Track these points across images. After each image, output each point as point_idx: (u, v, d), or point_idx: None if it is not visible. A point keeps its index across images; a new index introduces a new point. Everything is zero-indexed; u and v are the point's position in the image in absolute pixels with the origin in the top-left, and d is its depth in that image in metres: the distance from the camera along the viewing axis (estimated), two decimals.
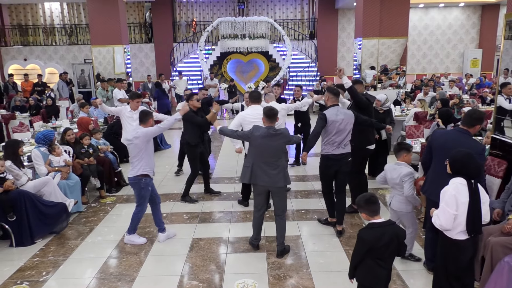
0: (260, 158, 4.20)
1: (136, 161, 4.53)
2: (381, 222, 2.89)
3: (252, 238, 4.59)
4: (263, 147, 4.17)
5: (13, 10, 17.66)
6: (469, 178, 3.01)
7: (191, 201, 6.07)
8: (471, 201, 2.97)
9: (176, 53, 16.84)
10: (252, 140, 4.24)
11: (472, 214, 2.96)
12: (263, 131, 4.17)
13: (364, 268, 2.89)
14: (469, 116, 3.72)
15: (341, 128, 4.62)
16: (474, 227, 2.98)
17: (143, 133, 4.50)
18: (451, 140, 3.62)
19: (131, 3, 17.63)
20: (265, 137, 4.14)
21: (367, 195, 2.97)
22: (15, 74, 15.15)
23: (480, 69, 18.02)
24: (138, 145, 4.49)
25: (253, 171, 4.24)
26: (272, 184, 4.23)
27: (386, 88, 12.47)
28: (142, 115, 4.67)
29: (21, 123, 8.84)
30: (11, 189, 4.75)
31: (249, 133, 4.29)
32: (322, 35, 17.58)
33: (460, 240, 3.05)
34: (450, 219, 2.99)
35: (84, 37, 17.60)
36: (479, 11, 18.25)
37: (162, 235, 4.83)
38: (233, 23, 15.18)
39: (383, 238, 2.80)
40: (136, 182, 4.56)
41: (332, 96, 4.78)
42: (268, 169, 4.19)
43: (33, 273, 4.18)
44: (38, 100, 11.90)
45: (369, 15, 12.09)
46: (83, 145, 6.27)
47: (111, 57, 12.87)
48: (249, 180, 4.30)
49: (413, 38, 17.93)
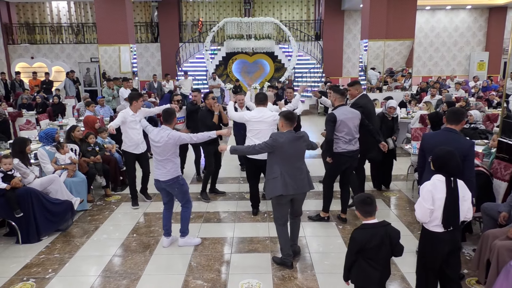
0: (288, 164, 4.01)
1: (167, 163, 4.39)
2: (374, 223, 2.95)
3: (284, 255, 4.21)
4: (290, 152, 4.01)
5: (21, 8, 17.78)
6: (449, 175, 3.07)
7: (206, 199, 6.12)
8: (448, 197, 3.04)
9: (182, 53, 16.89)
10: (277, 148, 3.98)
11: (448, 209, 3.04)
12: (288, 136, 4.00)
13: (357, 269, 2.95)
14: (454, 113, 3.82)
15: (350, 126, 4.90)
16: (449, 221, 3.05)
17: (175, 138, 4.34)
18: (443, 140, 3.66)
19: (138, 3, 17.70)
20: (292, 141, 3.99)
21: (363, 195, 3.04)
22: (22, 72, 15.25)
23: (486, 72, 17.93)
24: (168, 148, 4.35)
25: (284, 180, 3.97)
26: (300, 191, 4.09)
27: (392, 90, 12.43)
28: (166, 114, 4.51)
29: (28, 121, 8.89)
30: (18, 186, 4.79)
31: (272, 142, 3.99)
32: (328, 37, 17.57)
33: (436, 232, 3.11)
34: (426, 213, 3.07)
35: (91, 36, 17.69)
36: (486, 13, 18.17)
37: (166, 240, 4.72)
38: (239, 24, 15.21)
39: (374, 239, 2.87)
40: (174, 182, 4.44)
41: (339, 96, 5.03)
42: (297, 174, 4.04)
43: (39, 270, 4.21)
44: (45, 98, 11.97)
45: (376, 16, 12.06)
46: (89, 143, 6.30)
47: (117, 56, 12.93)
48: (282, 191, 3.96)
49: (419, 40, 17.88)
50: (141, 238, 4.94)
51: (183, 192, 4.55)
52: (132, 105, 5.63)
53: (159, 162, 4.43)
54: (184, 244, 4.65)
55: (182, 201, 4.60)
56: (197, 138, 4.52)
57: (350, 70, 18.06)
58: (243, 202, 6.08)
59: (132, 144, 5.70)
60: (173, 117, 4.53)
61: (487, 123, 7.89)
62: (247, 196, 6.31)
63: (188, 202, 4.63)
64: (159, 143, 4.35)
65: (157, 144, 4.37)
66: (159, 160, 4.42)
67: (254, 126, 5.20)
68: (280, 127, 4.17)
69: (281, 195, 3.99)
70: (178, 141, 4.39)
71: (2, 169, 4.77)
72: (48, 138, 5.77)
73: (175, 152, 4.44)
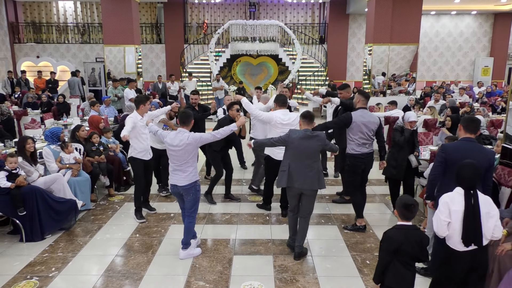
0: (297, 160, 4.26)
1: (187, 167, 4.25)
2: (408, 225, 2.96)
3: (289, 239, 4.63)
4: (300, 149, 4.24)
5: (28, 7, 17.89)
6: (467, 188, 3.03)
7: (211, 201, 6.07)
8: (466, 211, 2.98)
9: (186, 54, 16.94)
10: (289, 143, 4.30)
11: (468, 224, 2.96)
12: (300, 133, 4.27)
13: (393, 271, 2.91)
14: (473, 121, 3.74)
15: (364, 131, 4.96)
16: (469, 237, 2.97)
17: (195, 139, 4.20)
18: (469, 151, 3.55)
19: (143, 4, 17.77)
20: (302, 139, 4.23)
21: (409, 201, 2.97)
22: (27, 71, 15.33)
23: (491, 78, 17.91)
24: (189, 151, 4.22)
25: (290, 174, 4.27)
26: (308, 187, 4.28)
27: (396, 94, 12.43)
28: (184, 116, 4.35)
29: (33, 120, 8.94)
30: (23, 185, 4.83)
31: (286, 137, 4.34)
32: (332, 40, 17.59)
33: (456, 250, 3.05)
34: (442, 225, 3.03)
35: (97, 36, 17.77)
36: (491, 19, 18.15)
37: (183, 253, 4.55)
38: (244, 26, 15.24)
39: (408, 240, 2.87)
40: (192, 187, 4.31)
41: (363, 99, 5.13)
42: (305, 171, 4.25)
43: (43, 269, 4.23)
44: (50, 97, 12.03)
45: (380, 21, 12.07)
46: (94, 143, 6.34)
47: (122, 56, 12.98)
48: (286, 184, 4.30)
49: (424, 45, 17.87)
50: (144, 238, 4.96)
51: (195, 199, 4.41)
52: (139, 109, 5.27)
53: (177, 167, 4.26)
54: (186, 256, 4.48)
55: (191, 208, 4.43)
56: (220, 134, 4.35)
57: (354, 73, 18.07)
58: (246, 204, 6.09)
59: (141, 150, 5.33)
60: (191, 119, 4.34)
61: (491, 128, 7.87)
62: (250, 198, 6.34)
63: (195, 211, 4.49)
64: (178, 147, 4.18)
65: (176, 148, 4.20)
66: (177, 165, 4.26)
67: (281, 128, 5.14)
68: (299, 125, 4.43)
69: (289, 187, 4.32)
70: (200, 142, 4.26)
71: (8, 167, 4.81)
72: (53, 137, 5.81)
73: (195, 154, 4.32)
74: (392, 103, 9.33)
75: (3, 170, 4.79)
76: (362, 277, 4.10)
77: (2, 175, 4.75)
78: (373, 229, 5.21)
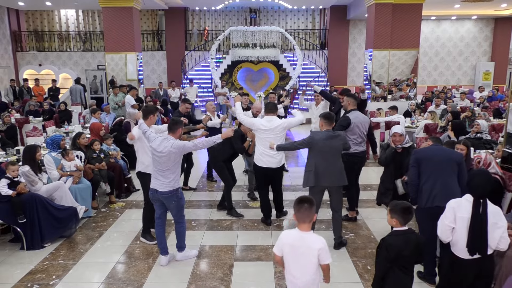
0: (322, 160, 4.51)
1: (169, 174, 4.22)
2: (405, 229, 2.94)
3: None
4: (325, 149, 4.50)
5: (30, 16, 18.03)
6: (478, 197, 3.00)
7: (237, 215, 5.81)
8: (473, 219, 2.95)
9: (187, 61, 17.01)
10: (313, 144, 4.54)
11: (474, 232, 2.94)
12: (323, 134, 4.53)
13: (393, 278, 2.89)
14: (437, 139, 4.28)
15: (361, 130, 5.37)
16: (475, 246, 2.95)
17: (179, 147, 4.15)
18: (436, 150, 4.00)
19: (144, 11, 17.89)
20: (326, 139, 4.50)
21: (406, 204, 2.98)
22: (29, 79, 15.42)
23: (492, 82, 17.91)
24: (171, 158, 4.18)
25: (316, 173, 4.51)
26: (333, 184, 4.59)
27: (397, 99, 12.44)
28: (172, 123, 4.32)
29: (35, 128, 8.98)
30: (23, 192, 4.84)
31: (309, 139, 4.59)
32: (332, 46, 17.64)
33: (460, 258, 3.04)
34: (446, 230, 3.04)
35: (98, 44, 17.88)
36: (492, 24, 18.18)
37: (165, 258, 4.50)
38: (244, 32, 15.31)
39: (407, 246, 2.85)
40: (172, 195, 4.26)
41: (353, 101, 5.51)
42: (330, 169, 4.53)
43: (43, 276, 4.23)
44: (52, 105, 12.09)
45: (381, 26, 12.11)
46: (95, 150, 6.35)
47: (124, 64, 13.05)
48: (314, 183, 4.55)
49: (424, 50, 17.90)
50: (145, 245, 4.95)
51: (179, 206, 4.36)
52: (148, 119, 4.75)
53: (159, 172, 4.23)
54: (183, 258, 4.53)
55: (176, 216, 4.39)
56: (202, 144, 4.33)
57: (355, 79, 18.10)
58: (247, 210, 6.08)
59: (149, 164, 4.67)
60: (179, 127, 4.28)
61: (492, 133, 7.86)
62: (251, 204, 6.33)
63: (182, 217, 4.44)
64: (162, 153, 4.15)
65: (160, 154, 4.16)
66: (160, 170, 4.22)
67: (263, 134, 5.22)
68: (320, 126, 4.64)
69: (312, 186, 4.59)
70: (183, 150, 4.21)
71: (9, 175, 4.83)
72: (54, 144, 5.83)
73: (178, 162, 4.27)
74: (392, 108, 9.34)
75: (4, 177, 4.81)
76: (363, 282, 4.08)
77: (4, 183, 4.77)
78: (374, 235, 5.19)
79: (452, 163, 3.82)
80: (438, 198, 3.74)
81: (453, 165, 3.80)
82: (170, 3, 16.33)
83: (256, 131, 5.32)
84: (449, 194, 3.46)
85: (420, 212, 3.86)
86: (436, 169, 3.83)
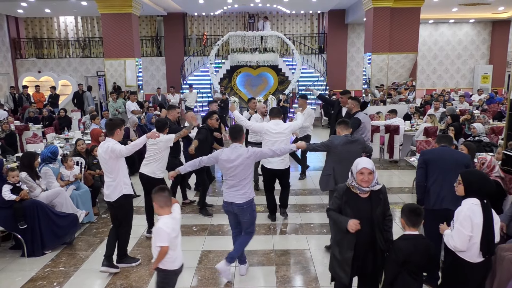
0: (340, 164, 4.56)
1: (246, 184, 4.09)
2: (416, 234, 2.92)
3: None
4: (343, 154, 4.55)
5: (29, 23, 18.08)
6: (482, 198, 2.98)
7: (206, 214, 6.09)
8: (485, 222, 2.92)
9: (186, 66, 17.05)
10: (332, 148, 4.62)
11: (487, 235, 2.92)
12: (342, 139, 4.59)
13: (401, 283, 2.86)
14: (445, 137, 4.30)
15: (368, 128, 5.87)
16: (489, 248, 2.93)
17: (256, 153, 4.12)
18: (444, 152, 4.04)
19: (143, 17, 17.95)
20: (345, 144, 4.56)
21: (414, 206, 2.98)
22: (29, 86, 15.44)
23: (490, 85, 17.96)
24: (249, 165, 4.12)
25: (335, 177, 4.60)
26: None
27: (396, 103, 12.47)
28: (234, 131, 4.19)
29: (35, 134, 8.98)
30: (26, 198, 4.84)
31: (328, 143, 4.67)
32: (331, 50, 17.70)
33: (473, 263, 2.99)
34: (465, 240, 2.92)
35: (97, 50, 17.92)
36: (489, 27, 18.26)
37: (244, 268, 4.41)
38: (243, 37, 15.36)
39: (417, 250, 2.84)
40: (248, 206, 4.12)
41: (357, 103, 5.96)
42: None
43: (45, 283, 4.22)
44: (51, 111, 12.09)
45: (379, 30, 12.16)
46: (95, 156, 6.35)
47: (123, 69, 13.08)
48: (333, 187, 4.53)
49: (422, 53, 17.96)
50: (146, 251, 4.94)
51: (253, 218, 4.19)
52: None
53: (235, 184, 4.05)
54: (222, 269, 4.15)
55: (249, 228, 4.20)
56: (280, 151, 4.30)
57: (354, 83, 18.14)
58: None
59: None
60: (242, 133, 4.18)
61: (492, 136, 7.87)
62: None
63: (254, 229, 4.28)
64: (235, 162, 3.99)
65: (232, 164, 4.00)
66: (235, 182, 4.05)
67: (273, 137, 5.50)
68: (338, 132, 4.72)
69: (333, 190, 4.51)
70: (260, 156, 4.20)
71: (11, 181, 4.83)
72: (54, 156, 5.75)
73: (252, 170, 4.19)
74: (392, 112, 9.36)
75: (7, 183, 4.82)
76: None
77: (7, 188, 4.78)
78: None
79: (460, 165, 3.84)
80: (447, 201, 3.76)
81: (461, 168, 3.79)
82: (169, 8, 16.39)
83: (265, 134, 5.55)
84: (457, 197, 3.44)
85: (426, 213, 3.85)
86: (444, 171, 3.88)
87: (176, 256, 3.24)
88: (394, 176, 8.15)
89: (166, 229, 3.08)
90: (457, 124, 7.84)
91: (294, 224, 5.73)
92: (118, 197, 4.26)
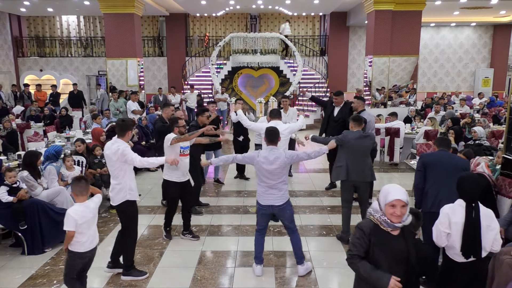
0: (353, 157, 4.91)
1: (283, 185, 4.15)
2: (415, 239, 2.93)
3: (343, 231, 5.11)
4: (356, 148, 4.91)
5: (31, 22, 18.12)
6: (471, 201, 3.04)
7: (195, 212, 6.06)
8: (467, 224, 2.99)
9: (188, 66, 17.08)
10: (345, 142, 4.93)
11: (467, 236, 2.97)
12: (355, 134, 4.94)
13: None
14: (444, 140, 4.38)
15: (373, 125, 6.32)
16: (469, 250, 2.98)
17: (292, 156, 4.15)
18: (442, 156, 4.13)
19: (145, 17, 17.99)
20: (357, 139, 4.92)
21: (414, 210, 3.05)
22: (30, 84, 15.47)
23: (491, 88, 17.97)
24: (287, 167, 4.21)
25: (347, 168, 4.91)
26: (362, 179, 4.99)
27: (397, 105, 12.48)
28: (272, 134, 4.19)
29: (36, 133, 9.01)
30: (24, 198, 4.84)
31: (342, 137, 4.95)
32: (332, 52, 17.73)
33: (455, 261, 3.07)
34: (441, 235, 3.07)
35: (99, 50, 17.96)
36: (490, 30, 18.29)
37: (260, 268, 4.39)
38: (245, 39, 15.39)
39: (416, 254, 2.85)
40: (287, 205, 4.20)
41: (362, 103, 6.43)
42: (360, 166, 4.93)
43: (44, 281, 4.23)
44: (52, 110, 12.12)
45: (380, 33, 12.19)
46: (96, 155, 6.37)
47: (125, 69, 13.11)
48: (344, 177, 4.93)
49: (424, 56, 17.98)
50: (146, 250, 4.95)
51: (292, 213, 4.26)
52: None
53: (272, 185, 4.08)
54: (305, 272, 4.30)
55: (291, 224, 4.25)
56: (314, 154, 4.20)
57: (355, 85, 18.15)
58: (247, 215, 6.08)
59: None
60: (278, 137, 4.19)
61: (492, 139, 7.88)
62: (252, 209, 6.33)
63: (296, 227, 4.33)
64: (274, 165, 4.01)
65: (271, 166, 4.02)
66: (273, 184, 4.07)
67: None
68: (350, 128, 5.05)
69: (343, 180, 4.98)
70: (297, 159, 4.22)
71: (7, 182, 4.82)
72: (58, 155, 5.80)
73: (288, 171, 4.23)
74: (392, 115, 9.38)
75: (4, 185, 4.80)
76: None
77: (3, 190, 4.77)
78: None
79: (458, 169, 3.91)
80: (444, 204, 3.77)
81: (459, 172, 3.82)
82: (171, 9, 16.43)
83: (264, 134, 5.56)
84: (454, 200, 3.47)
85: (424, 216, 3.89)
86: (442, 175, 3.95)
87: (84, 241, 3.47)
88: (394, 179, 8.17)
89: (74, 215, 3.38)
90: (457, 127, 7.84)
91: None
92: (120, 202, 4.15)
